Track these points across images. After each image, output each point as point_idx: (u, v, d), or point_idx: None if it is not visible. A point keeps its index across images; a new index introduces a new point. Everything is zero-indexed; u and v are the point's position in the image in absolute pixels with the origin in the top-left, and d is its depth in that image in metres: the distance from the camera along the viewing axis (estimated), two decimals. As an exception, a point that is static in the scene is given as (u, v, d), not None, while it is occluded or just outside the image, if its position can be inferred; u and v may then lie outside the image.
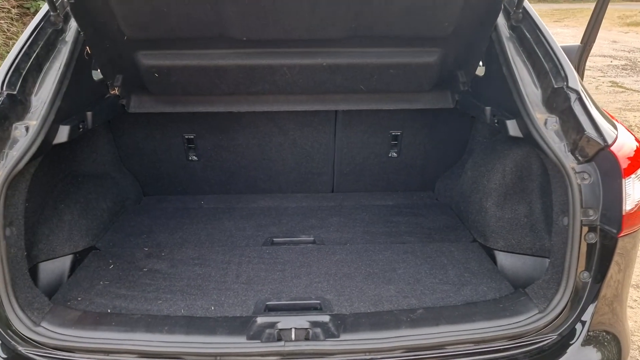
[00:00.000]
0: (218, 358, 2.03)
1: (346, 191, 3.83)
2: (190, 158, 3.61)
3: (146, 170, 3.67)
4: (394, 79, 3.00)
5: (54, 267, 2.73)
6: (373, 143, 3.60)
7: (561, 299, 2.16)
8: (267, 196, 3.75)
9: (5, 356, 2.12)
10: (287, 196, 3.76)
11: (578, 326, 2.20)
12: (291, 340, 2.08)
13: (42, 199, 2.75)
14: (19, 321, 2.09)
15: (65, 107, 2.43)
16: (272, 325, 2.14)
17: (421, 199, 3.72)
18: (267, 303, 2.40)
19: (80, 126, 2.61)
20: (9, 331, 2.08)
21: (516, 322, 2.15)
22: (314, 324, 2.15)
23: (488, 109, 2.80)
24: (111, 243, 3.02)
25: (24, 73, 2.31)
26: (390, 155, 3.65)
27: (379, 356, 2.06)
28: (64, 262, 2.77)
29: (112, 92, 3.02)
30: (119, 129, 3.46)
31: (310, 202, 3.66)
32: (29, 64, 2.35)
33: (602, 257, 2.15)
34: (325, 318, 2.19)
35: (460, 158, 3.64)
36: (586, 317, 2.19)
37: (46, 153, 2.43)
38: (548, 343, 2.13)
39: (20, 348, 2.07)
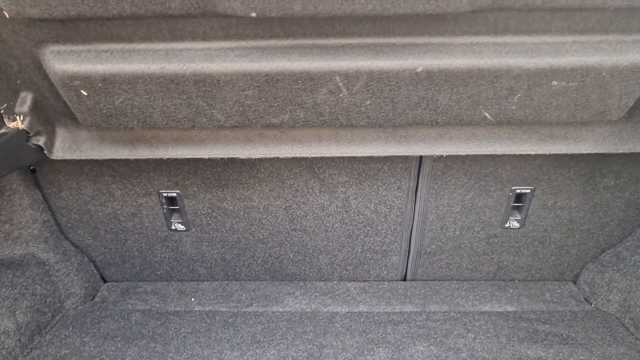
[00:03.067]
0: None
1: (427, 279, 2.34)
2: (173, 227, 2.19)
3: (104, 245, 2.27)
4: (553, 100, 1.51)
5: None
6: (480, 206, 2.10)
7: None
8: (298, 288, 2.29)
9: None
10: (332, 287, 2.29)
11: None
12: None
13: None
14: None
15: None
16: None
17: (560, 300, 2.19)
18: None
19: None
20: None
21: None
22: None
23: None
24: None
25: None
26: (507, 225, 2.15)
27: None
28: None
29: (13, 125, 1.62)
30: (51, 181, 2.06)
31: (371, 302, 2.18)
32: None
33: None
34: None
35: (633, 233, 2.11)
36: None
37: None
38: None
39: None
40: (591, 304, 2.16)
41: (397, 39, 1.37)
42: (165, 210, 2.14)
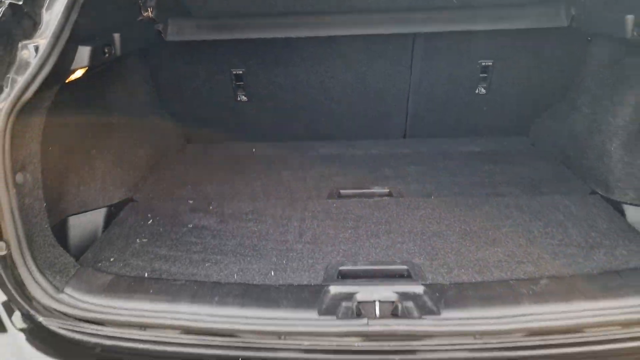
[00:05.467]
0: (283, 337, 1.56)
1: (421, 136, 3.24)
2: (239, 98, 3.10)
3: (189, 113, 3.20)
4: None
5: (86, 222, 2.33)
6: (457, 76, 2.97)
7: None
8: (328, 143, 3.22)
9: (24, 326, 1.73)
10: (352, 143, 3.21)
11: None
12: (375, 317, 1.58)
13: (71, 143, 2.33)
14: (38, 286, 1.67)
15: (85, 24, 1.94)
16: (349, 296, 1.65)
17: (514, 145, 3.09)
18: (340, 268, 1.90)
19: (106, 50, 2.12)
20: (26, 298, 1.67)
21: None
22: (404, 296, 1.64)
23: (630, 17, 2.12)
24: (151, 195, 2.59)
25: None
26: (477, 91, 3.02)
27: (493, 340, 1.53)
28: (97, 216, 2.37)
29: (145, 14, 2.52)
30: (157, 63, 2.97)
31: (380, 148, 3.11)
32: None
33: None
34: (418, 289, 1.68)
35: (565, 95, 2.97)
36: None
37: (66, 86, 1.97)
38: None
39: (40, 318, 1.67)
40: (534, 145, 3.06)
41: None
42: (233, 85, 3.05)
